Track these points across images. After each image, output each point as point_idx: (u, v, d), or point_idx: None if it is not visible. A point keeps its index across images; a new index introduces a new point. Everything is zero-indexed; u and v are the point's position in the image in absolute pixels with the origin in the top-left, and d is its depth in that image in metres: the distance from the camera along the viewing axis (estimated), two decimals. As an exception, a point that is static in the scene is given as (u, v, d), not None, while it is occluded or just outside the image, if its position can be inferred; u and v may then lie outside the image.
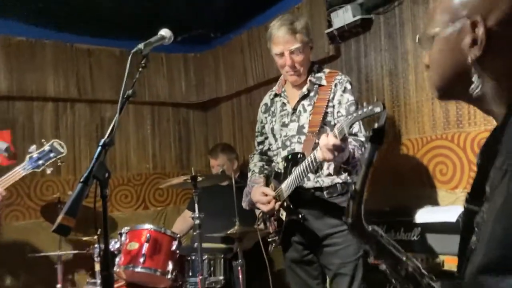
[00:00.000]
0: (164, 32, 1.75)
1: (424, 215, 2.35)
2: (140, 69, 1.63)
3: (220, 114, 4.52)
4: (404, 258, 1.05)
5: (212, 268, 3.05)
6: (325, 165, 2.16)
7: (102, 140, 1.43)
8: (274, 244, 2.40)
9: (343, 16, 2.98)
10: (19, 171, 2.54)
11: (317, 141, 2.01)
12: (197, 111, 4.57)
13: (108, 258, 1.37)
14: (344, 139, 1.89)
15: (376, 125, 1.01)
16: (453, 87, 0.97)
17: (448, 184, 2.60)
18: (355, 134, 2.19)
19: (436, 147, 2.69)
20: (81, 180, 1.34)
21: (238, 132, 4.30)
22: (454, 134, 2.59)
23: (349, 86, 2.29)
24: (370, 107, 1.84)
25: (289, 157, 2.30)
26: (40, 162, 2.54)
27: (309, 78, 2.34)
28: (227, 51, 4.24)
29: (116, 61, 3.99)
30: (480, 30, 0.89)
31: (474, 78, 0.91)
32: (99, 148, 1.42)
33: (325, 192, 2.26)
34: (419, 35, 1.02)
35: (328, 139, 1.88)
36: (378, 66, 3.00)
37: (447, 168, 2.61)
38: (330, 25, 3.10)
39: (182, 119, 4.50)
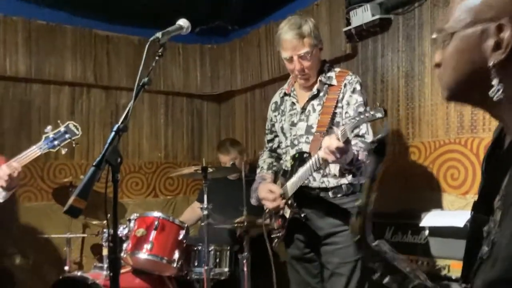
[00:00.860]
0: (182, 22, 1.77)
1: (432, 218, 2.34)
2: (156, 58, 1.65)
3: (233, 107, 4.53)
4: (410, 273, 1.02)
5: (217, 260, 3.08)
6: (332, 166, 2.16)
7: (116, 126, 1.45)
8: (277, 240, 2.42)
9: (362, 15, 2.97)
10: (36, 150, 2.58)
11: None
12: (210, 103, 4.58)
13: (116, 242, 1.39)
14: (347, 142, 1.90)
15: (378, 137, 0.99)
16: (465, 88, 0.94)
17: (459, 189, 2.59)
18: (362, 136, 2.19)
19: (449, 151, 2.67)
20: (94, 164, 1.37)
21: (250, 126, 4.31)
22: (467, 139, 2.57)
23: (358, 87, 2.28)
24: (372, 112, 1.87)
25: (296, 155, 2.31)
26: (56, 142, 2.58)
27: (319, 78, 2.33)
28: (243, 45, 4.24)
29: (134, 49, 4.01)
30: (507, 34, 0.86)
31: (495, 82, 0.88)
32: (113, 133, 1.44)
33: (330, 193, 2.28)
34: (436, 31, 0.98)
35: (331, 141, 1.90)
36: (395, 67, 2.99)
37: (458, 172, 2.60)
38: (348, 23, 3.09)
39: (196, 110, 4.52)
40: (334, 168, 2.17)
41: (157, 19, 2.93)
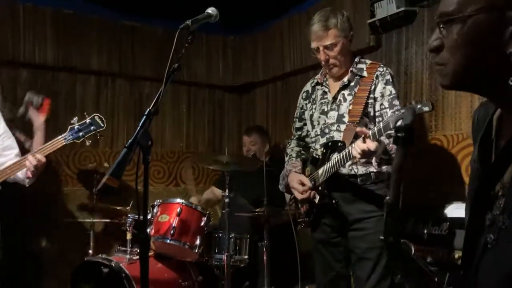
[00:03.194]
0: (211, 10, 1.80)
1: (453, 210, 2.34)
2: (186, 45, 1.69)
3: (254, 99, 4.56)
4: (432, 274, 1.00)
5: (237, 247, 3.13)
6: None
7: (148, 109, 1.49)
8: (303, 224, 2.47)
9: (387, 7, 2.97)
10: (61, 140, 2.64)
11: (358, 129, 2.06)
12: (232, 95, 4.63)
13: (146, 222, 1.44)
14: (379, 141, 1.97)
15: (402, 124, 0.92)
16: (475, 75, 0.91)
17: (481, 182, 2.58)
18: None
19: (472, 144, 2.65)
20: (126, 145, 1.41)
21: (271, 118, 4.34)
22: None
23: (390, 79, 2.33)
24: (418, 106, 1.86)
25: (329, 144, 2.36)
26: (81, 133, 2.62)
27: (350, 69, 2.40)
28: (266, 36, 4.26)
29: (158, 40, 4.07)
30: None
31: None
32: (144, 116, 1.49)
33: (358, 180, 2.33)
34: (438, 14, 0.92)
35: (362, 146, 1.98)
36: (419, 59, 2.98)
37: (481, 166, 2.59)
38: (373, 15, 3.09)
39: (217, 101, 4.57)
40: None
41: (181, 11, 2.97)
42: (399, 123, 0.93)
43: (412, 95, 2.98)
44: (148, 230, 2.89)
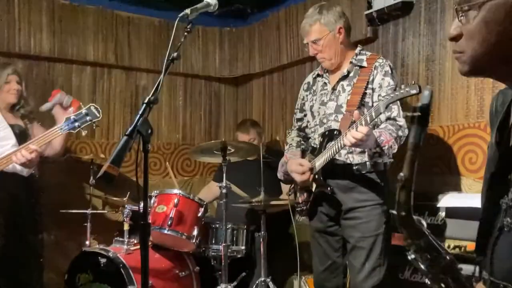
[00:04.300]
0: (210, -1, 1.81)
1: (448, 200, 2.37)
2: (185, 34, 1.69)
3: (251, 90, 4.56)
4: (444, 251, 0.97)
5: (235, 238, 3.15)
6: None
7: (147, 98, 1.49)
8: (302, 214, 2.49)
9: (384, -2, 2.97)
10: (57, 130, 2.64)
11: (354, 113, 2.08)
12: (228, 86, 4.62)
13: (146, 209, 1.45)
14: (368, 132, 2.00)
15: (420, 104, 0.91)
16: (492, 61, 0.92)
17: (477, 173, 2.60)
18: (394, 119, 2.26)
19: (468, 135, 2.68)
20: (126, 133, 1.42)
21: (268, 109, 4.34)
22: (487, 123, 2.58)
23: (389, 70, 2.35)
24: (406, 89, 1.94)
25: (326, 133, 2.38)
26: (76, 124, 2.62)
27: (350, 60, 2.42)
28: (263, 28, 4.25)
29: (154, 31, 4.06)
30: None
31: None
32: (144, 105, 1.49)
33: (354, 168, 2.34)
34: (457, 2, 0.93)
35: (353, 133, 2.01)
36: (415, 51, 2.99)
37: (477, 157, 2.61)
38: (370, 6, 3.09)
39: (214, 92, 4.56)
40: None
41: (177, 2, 2.95)
42: (420, 104, 0.91)
43: (408, 87, 2.99)
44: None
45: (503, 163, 0.99)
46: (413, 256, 0.98)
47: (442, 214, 2.36)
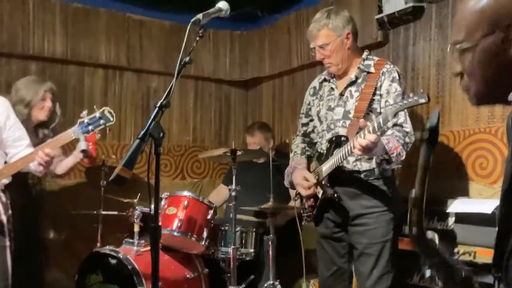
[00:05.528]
0: (222, 4, 1.83)
1: (458, 205, 2.36)
2: (197, 38, 1.71)
3: (261, 94, 4.58)
4: (459, 266, 1.02)
5: (243, 241, 3.16)
6: None
7: (159, 102, 1.51)
8: (308, 219, 2.49)
9: (395, 3, 2.97)
10: (70, 134, 2.66)
11: (360, 121, 2.07)
12: (238, 89, 4.64)
13: (157, 212, 1.47)
14: (375, 140, 1.99)
15: (429, 126, 0.97)
16: (495, 92, 0.97)
17: (487, 178, 2.60)
18: (400, 125, 2.26)
19: (479, 140, 2.67)
20: (138, 136, 1.44)
21: (277, 113, 4.36)
22: (498, 128, 2.57)
23: (397, 76, 2.34)
24: (415, 97, 1.93)
25: (333, 139, 2.37)
26: (90, 127, 2.62)
27: (358, 65, 2.42)
28: (273, 31, 4.27)
29: (166, 34, 4.09)
30: None
31: None
32: (156, 109, 1.51)
33: (362, 175, 2.33)
34: (452, 43, 0.99)
35: (361, 141, 1.99)
36: (426, 55, 2.99)
37: (487, 162, 2.60)
38: (380, 10, 3.10)
39: (224, 95, 4.59)
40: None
41: (189, 5, 2.98)
42: (429, 125, 0.97)
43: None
44: (155, 222, 2.92)
45: None
46: (429, 273, 1.00)
47: (452, 219, 2.35)
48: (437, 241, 1.02)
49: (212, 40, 4.38)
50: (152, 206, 2.95)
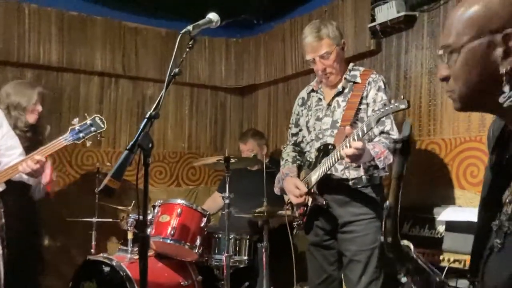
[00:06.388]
0: (212, 16, 1.84)
1: (449, 214, 2.37)
2: (187, 50, 1.73)
3: (256, 101, 4.60)
4: (432, 273, 1.03)
5: (237, 248, 3.17)
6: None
7: (148, 113, 1.53)
8: (298, 227, 2.51)
9: (387, 12, 3.00)
10: (61, 141, 2.68)
11: (346, 128, 2.11)
12: (234, 96, 4.67)
13: (146, 221, 1.48)
14: (362, 147, 2.03)
15: (401, 136, 0.99)
16: (478, 98, 0.98)
17: (478, 186, 2.61)
18: (387, 132, 2.29)
19: (470, 148, 2.69)
20: (127, 147, 1.45)
21: (273, 119, 4.38)
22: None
23: (383, 85, 2.39)
24: (396, 104, 1.99)
25: (321, 147, 2.41)
26: (81, 134, 2.65)
27: (344, 76, 2.46)
28: (268, 39, 4.30)
29: (161, 41, 4.12)
30: None
31: (506, 88, 0.92)
32: (145, 119, 1.52)
33: (350, 183, 2.36)
34: (440, 47, 1.01)
35: (347, 150, 2.03)
36: (418, 63, 3.01)
37: (478, 170, 2.62)
38: (373, 19, 3.12)
39: (220, 102, 4.61)
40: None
41: (185, 12, 3.02)
42: (401, 136, 0.99)
43: (411, 99, 3.00)
44: (149, 230, 2.93)
45: (495, 186, 1.02)
46: (404, 279, 1.03)
47: (442, 227, 2.37)
48: (412, 248, 1.04)
49: (208, 47, 4.41)
50: (146, 216, 3.00)
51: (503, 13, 0.92)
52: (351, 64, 2.51)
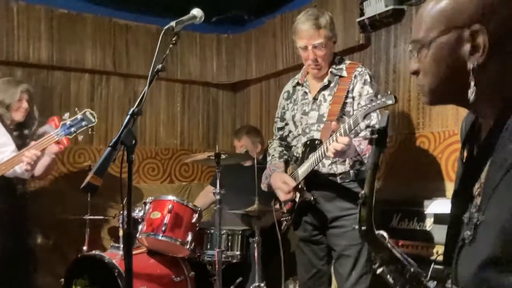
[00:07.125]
0: (196, 11, 1.85)
1: (437, 206, 2.39)
2: (170, 46, 1.73)
3: (248, 96, 4.60)
4: (407, 262, 1.05)
5: (229, 243, 3.18)
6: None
7: (131, 109, 1.53)
8: (286, 223, 2.51)
9: (376, 6, 3.00)
10: (53, 136, 2.69)
11: (332, 123, 2.11)
12: (226, 92, 4.67)
13: (130, 218, 1.49)
14: (348, 143, 2.03)
15: (377, 127, 1.00)
16: (447, 92, 0.99)
17: (466, 178, 2.62)
18: (373, 126, 2.28)
19: (458, 141, 2.67)
20: (110, 144, 1.46)
21: (265, 115, 4.38)
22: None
23: (369, 79, 2.37)
24: (383, 99, 1.97)
25: (308, 143, 2.40)
26: (72, 129, 2.67)
27: (330, 70, 2.43)
28: (259, 34, 4.29)
29: (152, 38, 4.10)
30: (481, 39, 0.91)
31: (472, 83, 0.93)
32: (128, 116, 1.53)
33: (338, 178, 2.37)
34: (411, 42, 1.02)
35: (334, 144, 2.04)
36: (407, 57, 3.01)
37: (467, 163, 2.63)
38: (362, 13, 3.12)
39: (212, 98, 4.61)
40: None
41: (175, 9, 2.98)
42: (377, 127, 1.00)
43: (400, 93, 3.02)
44: (140, 226, 2.94)
45: (466, 179, 1.03)
46: (380, 269, 1.04)
47: (431, 220, 2.38)
48: (387, 238, 1.05)
49: (199, 44, 4.41)
50: (138, 211, 3.01)
51: (471, 8, 0.92)
52: (337, 58, 2.47)
